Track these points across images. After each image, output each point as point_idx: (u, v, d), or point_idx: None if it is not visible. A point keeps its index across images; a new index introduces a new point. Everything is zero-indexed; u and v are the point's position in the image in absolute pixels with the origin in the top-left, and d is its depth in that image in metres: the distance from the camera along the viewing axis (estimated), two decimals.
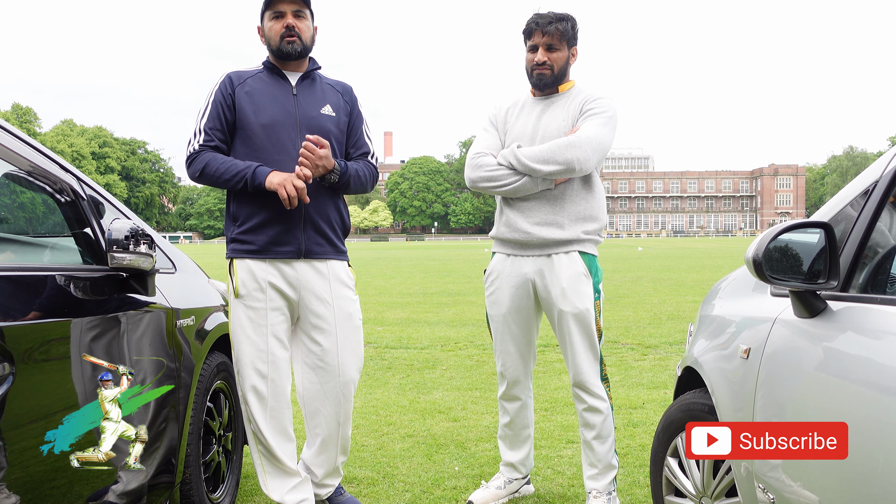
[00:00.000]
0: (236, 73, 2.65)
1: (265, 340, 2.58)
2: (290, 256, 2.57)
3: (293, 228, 2.55)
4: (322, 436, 2.72)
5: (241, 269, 2.58)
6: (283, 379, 2.64)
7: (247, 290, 2.57)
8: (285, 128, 2.56)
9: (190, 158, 2.58)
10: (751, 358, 1.81)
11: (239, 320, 2.59)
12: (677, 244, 54.32)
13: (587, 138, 2.62)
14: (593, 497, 2.79)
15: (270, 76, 2.64)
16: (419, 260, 28.53)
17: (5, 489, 1.54)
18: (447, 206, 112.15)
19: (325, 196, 2.61)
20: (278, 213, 2.53)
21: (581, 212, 2.75)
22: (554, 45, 2.72)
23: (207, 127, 2.57)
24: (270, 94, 2.60)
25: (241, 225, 2.58)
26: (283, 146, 2.55)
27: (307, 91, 2.66)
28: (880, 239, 1.65)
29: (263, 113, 2.56)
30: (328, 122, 2.64)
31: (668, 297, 11.71)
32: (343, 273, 2.69)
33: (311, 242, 2.59)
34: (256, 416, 2.61)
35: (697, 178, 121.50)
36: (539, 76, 2.75)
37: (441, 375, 5.62)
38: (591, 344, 2.74)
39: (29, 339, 1.65)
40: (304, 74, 2.67)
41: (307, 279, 2.60)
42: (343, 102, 2.73)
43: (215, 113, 2.58)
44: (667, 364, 5.97)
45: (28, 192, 2.32)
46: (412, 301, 11.58)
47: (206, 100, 2.61)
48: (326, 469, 2.78)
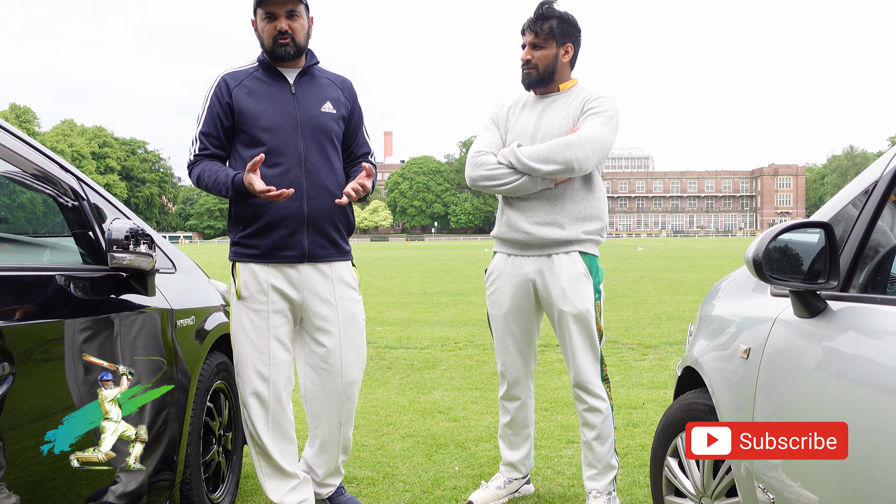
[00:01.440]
0: (231, 75, 2.58)
1: (267, 343, 2.56)
2: (294, 261, 2.55)
3: (296, 233, 2.53)
4: (323, 436, 2.72)
5: (243, 272, 2.56)
6: (284, 382, 2.62)
7: (249, 292, 2.55)
8: (286, 130, 2.52)
9: (188, 168, 2.61)
10: (751, 358, 1.81)
11: (241, 323, 2.57)
12: (677, 244, 54.31)
13: (587, 138, 2.62)
14: (593, 497, 2.79)
15: (267, 75, 2.59)
16: (419, 260, 28.52)
17: (5, 489, 1.54)
18: (447, 206, 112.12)
19: (327, 197, 2.57)
20: (281, 218, 2.50)
21: (581, 212, 2.75)
22: (539, 43, 2.72)
23: (202, 135, 2.56)
24: (269, 96, 2.55)
25: (244, 229, 2.55)
26: (286, 149, 2.52)
27: (306, 89, 2.61)
28: (880, 239, 1.65)
29: (264, 116, 2.52)
30: (329, 120, 2.61)
31: (668, 297, 11.71)
32: (347, 274, 2.68)
33: (314, 246, 2.56)
34: (255, 419, 2.60)
35: (697, 178, 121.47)
36: (525, 74, 2.78)
37: (441, 375, 5.62)
38: (591, 344, 2.74)
39: (29, 339, 1.65)
40: (302, 70, 2.61)
41: (311, 281, 2.58)
42: (343, 98, 2.69)
43: (211, 119, 2.55)
44: (667, 364, 5.96)
45: (28, 192, 2.32)
46: (412, 301, 11.57)
47: (203, 104, 2.57)
48: (327, 469, 2.78)
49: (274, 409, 2.60)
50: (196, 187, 2.62)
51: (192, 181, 2.60)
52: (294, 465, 2.69)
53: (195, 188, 54.94)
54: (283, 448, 2.65)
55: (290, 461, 2.67)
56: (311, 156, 2.54)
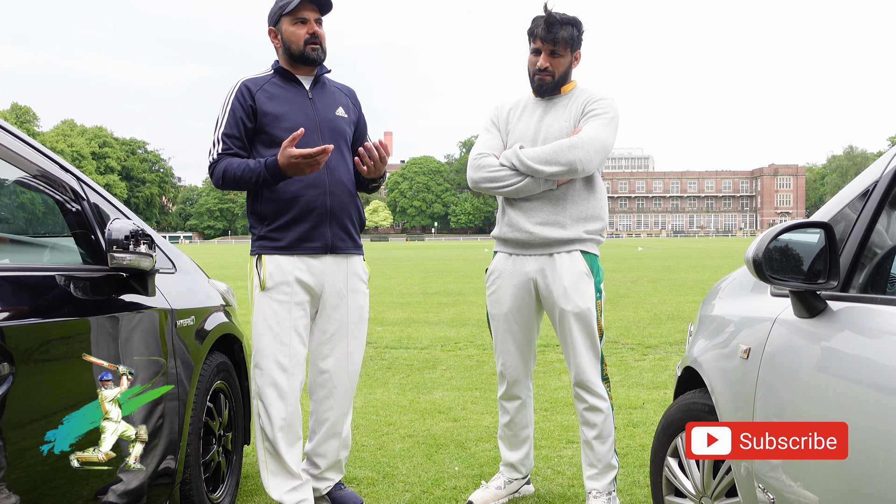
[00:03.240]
0: (251, 80, 2.71)
1: (288, 334, 2.66)
2: (318, 252, 2.68)
3: (320, 225, 2.67)
4: (330, 420, 2.81)
5: (269, 263, 2.66)
6: (301, 375, 2.72)
7: (274, 282, 2.65)
8: (307, 131, 2.64)
9: (210, 168, 2.69)
10: (751, 358, 1.81)
11: (263, 313, 2.67)
12: (677, 244, 54.32)
13: (589, 139, 2.63)
14: (593, 497, 2.79)
15: (285, 81, 2.73)
16: (419, 260, 28.53)
17: (5, 489, 1.54)
18: (447, 206, 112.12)
19: (346, 193, 2.73)
20: (306, 212, 2.64)
21: (583, 212, 2.76)
22: (557, 51, 2.70)
23: (225, 136, 2.66)
24: (289, 100, 2.70)
25: (269, 223, 2.67)
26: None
27: (321, 94, 2.77)
28: (880, 239, 1.65)
29: (286, 117, 2.66)
30: (343, 124, 2.79)
31: (668, 297, 11.71)
32: (359, 267, 2.83)
33: (336, 238, 2.71)
34: (272, 411, 2.66)
35: (697, 178, 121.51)
36: (540, 81, 2.75)
37: (441, 375, 5.62)
38: (592, 343, 2.74)
39: (29, 339, 1.65)
40: (315, 78, 2.77)
41: (331, 271, 2.72)
42: (352, 105, 2.88)
43: (233, 122, 2.65)
44: (667, 364, 5.97)
45: (28, 192, 2.32)
46: (412, 301, 11.58)
47: (223, 109, 2.68)
48: (330, 460, 2.86)
49: (291, 402, 2.68)
50: (217, 186, 2.70)
51: (213, 180, 2.69)
52: (298, 464, 2.74)
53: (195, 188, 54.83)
54: (292, 443, 2.71)
55: (296, 460, 2.73)
56: (331, 154, 2.65)
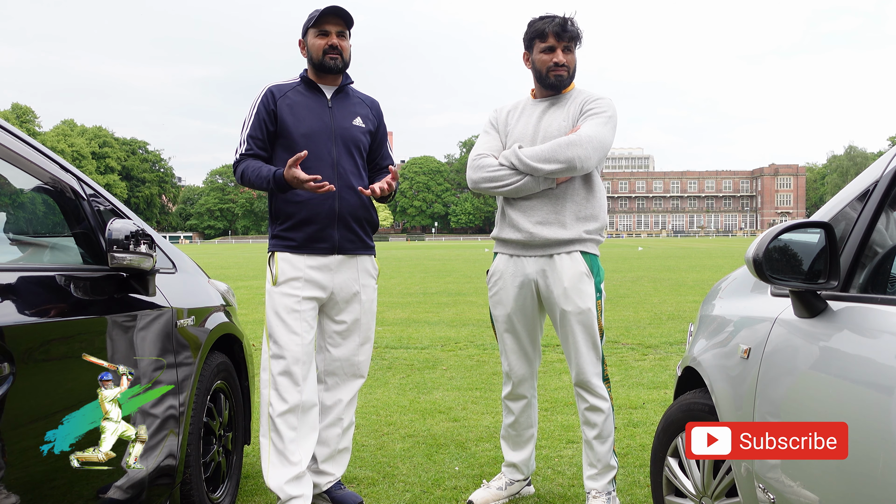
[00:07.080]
0: (277, 87, 2.89)
1: (300, 325, 2.79)
2: (326, 252, 2.84)
3: (328, 227, 2.82)
4: (336, 409, 2.94)
5: (281, 260, 2.82)
6: (312, 364, 2.85)
7: (286, 277, 2.80)
8: (322, 137, 2.83)
9: (234, 166, 2.89)
10: (751, 358, 1.81)
11: (275, 307, 2.80)
12: (677, 244, 54.34)
13: (588, 137, 2.64)
14: (593, 497, 2.80)
15: (308, 89, 2.90)
16: (419, 260, 28.54)
17: (5, 489, 1.54)
18: (447, 206, 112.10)
19: (355, 197, 2.86)
20: (315, 214, 2.80)
21: (582, 211, 2.76)
22: (571, 46, 2.78)
23: (249, 137, 2.85)
24: (308, 107, 2.86)
25: (282, 223, 2.84)
26: (320, 153, 2.81)
27: (341, 104, 2.92)
28: (880, 239, 1.65)
29: (303, 123, 2.83)
30: (359, 133, 2.92)
31: (668, 297, 11.72)
32: (369, 264, 2.97)
33: (343, 240, 2.85)
34: (287, 396, 2.76)
35: (697, 178, 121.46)
36: (557, 77, 2.79)
37: (441, 375, 5.62)
38: (593, 343, 2.75)
39: (29, 339, 1.65)
40: (338, 88, 2.92)
41: (341, 269, 2.87)
42: (372, 115, 3.01)
43: (257, 124, 2.85)
44: (667, 364, 5.97)
45: (28, 192, 2.32)
46: (412, 301, 11.58)
47: (250, 111, 2.88)
48: (330, 448, 2.94)
49: (305, 390, 2.80)
50: (239, 182, 2.89)
51: (236, 176, 2.90)
52: (304, 457, 2.81)
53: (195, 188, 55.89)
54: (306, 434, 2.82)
55: (303, 452, 2.81)
56: (343, 161, 2.84)
